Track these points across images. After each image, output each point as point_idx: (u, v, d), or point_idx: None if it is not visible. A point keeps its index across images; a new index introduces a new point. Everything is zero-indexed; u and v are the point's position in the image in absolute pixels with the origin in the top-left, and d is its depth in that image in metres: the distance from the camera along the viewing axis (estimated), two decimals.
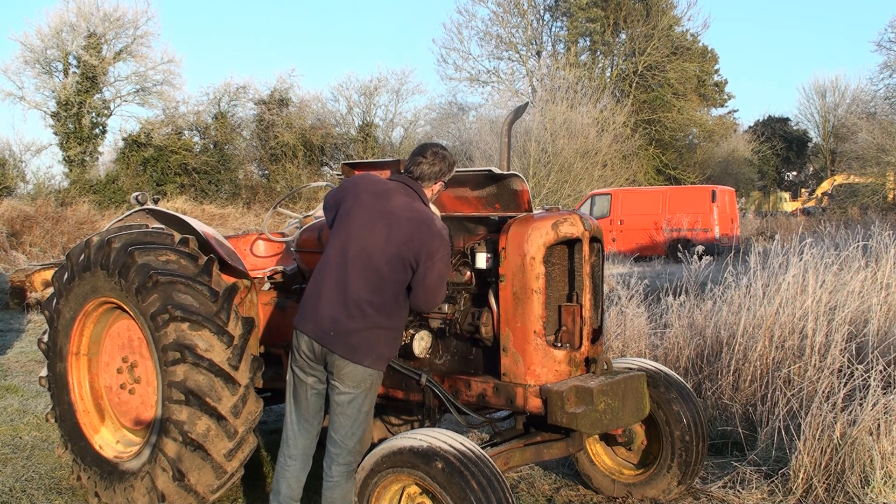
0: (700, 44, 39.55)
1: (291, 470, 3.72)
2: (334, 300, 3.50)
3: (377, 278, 3.49)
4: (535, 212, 3.88)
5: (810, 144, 48.97)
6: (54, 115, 30.55)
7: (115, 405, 4.59)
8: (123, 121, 74.41)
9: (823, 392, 4.73)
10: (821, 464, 4.46)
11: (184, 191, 30.70)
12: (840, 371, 5.12)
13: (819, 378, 5.02)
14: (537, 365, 3.68)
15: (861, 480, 4.36)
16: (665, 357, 6.29)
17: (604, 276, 4.19)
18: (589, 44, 39.03)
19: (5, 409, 6.59)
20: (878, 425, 4.43)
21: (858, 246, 6.63)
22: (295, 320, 3.64)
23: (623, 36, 37.96)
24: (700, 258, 7.12)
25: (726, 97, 43.43)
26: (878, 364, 4.78)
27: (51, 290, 4.74)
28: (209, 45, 70.37)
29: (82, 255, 4.42)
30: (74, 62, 30.66)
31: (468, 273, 3.96)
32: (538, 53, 38.52)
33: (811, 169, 50.79)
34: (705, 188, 22.15)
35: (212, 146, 33.22)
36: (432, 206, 3.85)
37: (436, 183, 3.70)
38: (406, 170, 3.72)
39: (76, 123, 30.28)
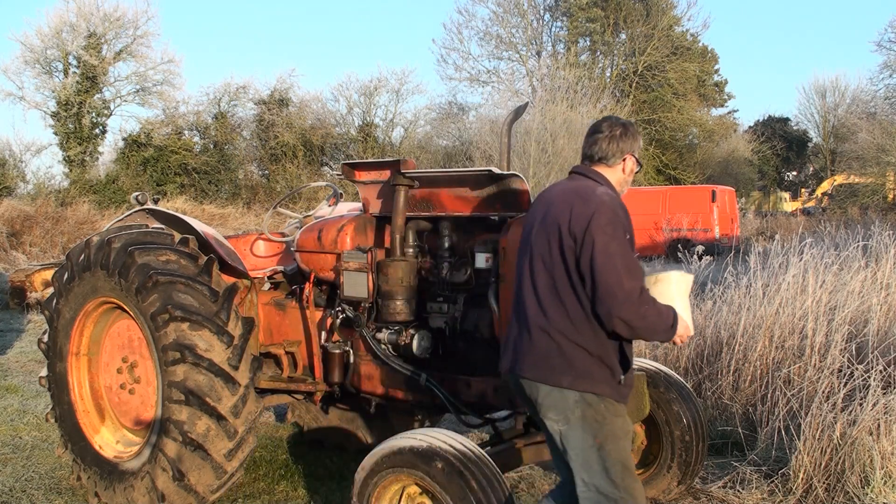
0: (700, 44, 39.60)
1: None
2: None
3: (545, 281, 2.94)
4: None
5: (810, 144, 48.93)
6: (54, 115, 30.57)
7: (115, 405, 4.59)
8: (123, 121, 74.33)
9: (823, 392, 4.73)
10: (821, 464, 4.45)
11: (184, 191, 30.71)
12: (840, 371, 5.11)
13: (819, 378, 5.02)
14: None
15: (861, 480, 4.35)
16: (665, 357, 6.28)
17: None
18: (589, 44, 39.05)
19: (5, 409, 6.58)
20: (878, 425, 4.43)
21: (858, 246, 6.63)
22: None
23: (623, 36, 37.96)
24: (700, 258, 7.12)
25: (726, 97, 43.49)
26: (878, 364, 4.78)
27: (51, 290, 4.74)
28: (209, 45, 70.47)
29: (82, 255, 4.42)
30: (74, 62, 30.68)
31: (468, 273, 3.96)
32: (538, 53, 38.53)
33: (811, 169, 50.76)
34: (705, 188, 22.18)
35: (212, 146, 33.25)
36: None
37: (622, 160, 3.03)
38: (583, 156, 3.13)
39: (76, 123, 30.29)
